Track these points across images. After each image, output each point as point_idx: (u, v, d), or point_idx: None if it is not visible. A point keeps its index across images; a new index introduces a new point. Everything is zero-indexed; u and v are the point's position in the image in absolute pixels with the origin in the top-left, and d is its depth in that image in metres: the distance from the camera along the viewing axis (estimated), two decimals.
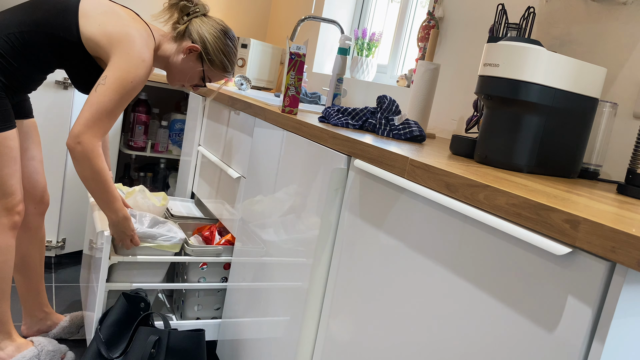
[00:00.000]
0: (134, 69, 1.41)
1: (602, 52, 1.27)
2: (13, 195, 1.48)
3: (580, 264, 0.61)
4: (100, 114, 1.38)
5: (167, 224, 1.72)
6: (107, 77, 1.39)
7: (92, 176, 1.40)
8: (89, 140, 1.37)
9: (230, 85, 2.47)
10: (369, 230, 1.02)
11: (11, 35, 1.39)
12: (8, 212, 1.49)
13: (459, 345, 0.78)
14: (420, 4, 2.23)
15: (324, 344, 1.14)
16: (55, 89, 2.20)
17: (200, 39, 1.52)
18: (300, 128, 1.30)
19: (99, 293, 1.53)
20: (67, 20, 1.42)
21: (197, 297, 1.73)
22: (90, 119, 1.37)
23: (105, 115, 1.39)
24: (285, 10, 3.14)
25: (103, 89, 1.38)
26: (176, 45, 1.54)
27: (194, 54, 1.54)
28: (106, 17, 1.44)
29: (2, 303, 1.54)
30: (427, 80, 1.52)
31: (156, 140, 2.78)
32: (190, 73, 1.56)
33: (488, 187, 0.73)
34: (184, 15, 1.55)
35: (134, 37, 1.43)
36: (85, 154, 1.37)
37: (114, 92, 1.38)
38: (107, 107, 1.38)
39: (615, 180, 1.19)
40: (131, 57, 1.41)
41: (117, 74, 1.39)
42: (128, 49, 1.41)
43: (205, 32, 1.53)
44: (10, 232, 1.50)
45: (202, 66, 1.55)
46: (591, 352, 0.60)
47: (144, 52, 1.44)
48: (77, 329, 1.85)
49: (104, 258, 1.52)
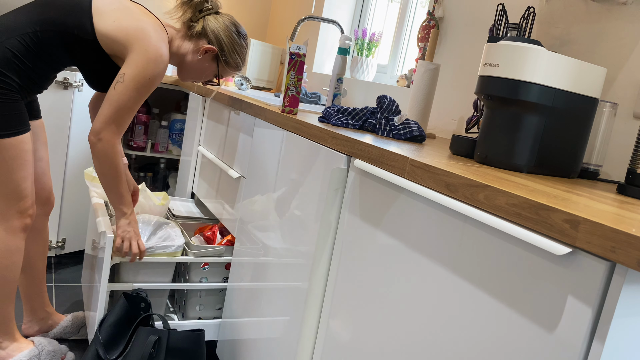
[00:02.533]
0: (152, 65, 1.42)
1: (602, 52, 1.27)
2: (26, 198, 1.49)
3: (580, 264, 0.61)
4: (120, 111, 1.42)
5: (168, 228, 1.73)
6: (126, 75, 1.41)
7: (110, 172, 1.45)
8: (110, 138, 1.42)
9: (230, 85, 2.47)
10: (369, 230, 1.02)
11: (25, 36, 1.39)
12: (20, 214, 1.49)
13: (459, 345, 0.78)
14: (420, 4, 2.23)
15: (324, 344, 1.14)
16: (55, 89, 2.20)
17: (217, 41, 1.55)
18: (300, 128, 1.30)
19: (100, 293, 1.54)
20: (81, 18, 1.42)
21: (199, 297, 1.73)
22: (110, 117, 1.41)
23: (124, 113, 1.43)
24: (285, 10, 3.14)
25: (122, 87, 1.41)
26: (192, 44, 1.56)
27: (210, 54, 1.57)
28: (120, 13, 1.45)
29: (7, 304, 1.54)
30: (427, 80, 1.52)
31: (156, 140, 2.78)
32: (205, 72, 1.60)
33: (488, 187, 0.73)
34: (196, 12, 1.56)
35: (150, 33, 1.43)
36: (105, 150, 1.42)
37: (133, 89, 1.41)
38: (127, 105, 1.42)
39: (615, 180, 1.19)
40: (149, 53, 1.42)
41: (135, 71, 1.41)
42: (146, 45, 1.42)
43: (222, 34, 1.55)
44: (20, 235, 1.51)
45: (218, 66, 1.59)
46: (591, 352, 0.59)
47: (162, 48, 1.45)
48: (77, 329, 1.86)
49: (106, 258, 1.52)
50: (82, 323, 1.87)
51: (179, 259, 1.66)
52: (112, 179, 1.47)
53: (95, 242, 1.73)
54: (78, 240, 2.45)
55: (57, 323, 1.82)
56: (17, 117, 1.42)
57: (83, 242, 2.48)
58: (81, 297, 2.12)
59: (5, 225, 1.48)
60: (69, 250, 2.42)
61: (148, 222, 1.74)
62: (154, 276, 1.65)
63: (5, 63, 1.37)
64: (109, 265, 1.53)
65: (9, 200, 1.46)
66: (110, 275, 1.60)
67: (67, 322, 1.83)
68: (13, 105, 1.40)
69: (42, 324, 1.80)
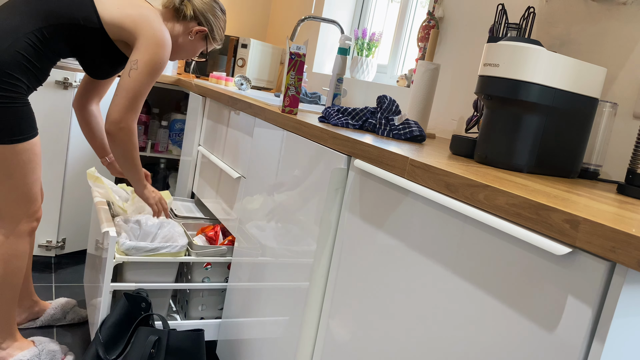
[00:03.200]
0: (161, 50, 1.49)
1: (602, 52, 1.27)
2: (35, 202, 1.51)
3: (580, 264, 0.61)
4: (136, 97, 1.48)
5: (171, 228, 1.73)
6: (139, 62, 1.46)
7: (131, 155, 1.55)
8: (130, 125, 1.50)
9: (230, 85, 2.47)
10: (369, 230, 1.02)
11: (30, 35, 1.39)
12: (29, 218, 1.51)
13: (459, 345, 0.78)
14: (420, 4, 2.23)
15: (324, 344, 1.14)
16: (55, 89, 2.20)
17: (206, 21, 1.65)
18: (300, 128, 1.30)
19: (104, 293, 1.54)
20: (83, 8, 1.44)
21: (201, 297, 1.74)
22: (128, 104, 1.47)
23: (140, 98, 1.50)
24: (285, 10, 3.14)
25: (136, 73, 1.46)
26: (182, 26, 1.63)
27: (201, 34, 1.66)
28: (121, 1, 1.49)
29: (11, 307, 1.55)
30: (427, 80, 1.51)
31: (156, 140, 2.78)
32: (195, 51, 1.71)
33: (488, 187, 0.73)
34: None
35: (154, 18, 1.50)
36: (128, 136, 1.51)
37: (147, 75, 1.47)
38: (142, 90, 1.49)
39: (615, 180, 1.19)
40: (157, 38, 1.48)
41: (146, 57, 1.46)
42: (153, 30, 1.48)
43: (209, 14, 1.65)
44: (27, 238, 1.53)
45: (206, 43, 1.70)
46: (591, 352, 0.60)
47: (165, 32, 1.52)
48: (64, 316, 1.89)
49: (109, 258, 1.52)
50: (67, 309, 1.90)
51: (182, 258, 1.66)
52: (132, 160, 1.56)
53: (98, 242, 1.73)
54: (78, 240, 2.45)
55: (43, 311, 1.85)
56: (29, 120, 1.43)
57: (83, 242, 2.48)
58: (82, 297, 2.12)
59: (15, 229, 1.49)
60: (69, 250, 2.42)
61: (152, 222, 1.74)
62: (157, 276, 1.65)
63: (17, 67, 1.37)
64: (112, 265, 1.53)
65: (20, 204, 1.47)
66: (113, 276, 1.60)
67: (53, 309, 1.86)
68: (24, 109, 1.41)
69: (29, 313, 1.83)
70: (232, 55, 2.84)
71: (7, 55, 1.35)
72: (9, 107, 1.37)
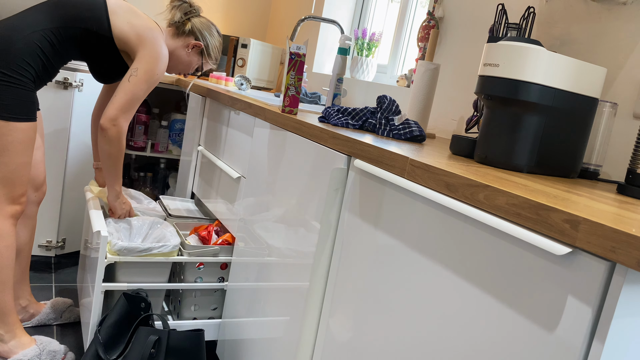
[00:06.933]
0: (160, 63, 1.65)
1: (602, 52, 1.27)
2: (21, 186, 1.55)
3: (580, 264, 0.61)
4: (132, 100, 1.61)
5: (163, 228, 1.73)
6: (139, 70, 1.61)
7: (117, 154, 1.64)
8: (123, 123, 1.61)
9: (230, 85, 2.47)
10: (369, 230, 1.02)
11: (47, 32, 1.53)
12: (13, 201, 1.55)
13: (459, 345, 0.78)
14: (420, 4, 2.23)
15: (324, 344, 1.14)
16: (55, 89, 2.20)
17: (203, 37, 1.82)
18: (300, 128, 1.30)
19: (95, 293, 1.53)
20: (98, 16, 1.60)
21: (193, 297, 1.73)
22: (125, 105, 1.59)
23: (135, 102, 1.62)
24: (285, 10, 3.14)
25: (135, 79, 1.60)
26: (181, 41, 1.81)
27: (197, 49, 1.83)
28: (131, 16, 1.65)
29: (4, 292, 1.55)
30: (427, 80, 1.52)
31: (156, 140, 2.78)
32: (191, 65, 1.86)
33: (488, 187, 0.73)
34: (183, 14, 1.81)
35: (156, 35, 1.66)
36: (119, 134, 1.61)
37: (145, 82, 1.62)
38: (138, 96, 1.62)
39: (615, 180, 1.19)
40: (157, 52, 1.64)
41: (146, 66, 1.62)
42: (154, 45, 1.64)
43: (206, 32, 1.83)
44: (11, 220, 1.56)
45: (202, 59, 1.86)
46: (591, 352, 0.60)
47: (165, 47, 1.68)
48: (60, 315, 1.91)
49: (100, 258, 1.52)
50: (63, 308, 1.92)
51: (175, 258, 1.65)
52: (116, 160, 1.65)
53: (87, 241, 1.74)
54: (78, 241, 2.45)
55: (38, 311, 1.87)
56: (28, 104, 1.52)
57: None
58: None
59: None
60: (69, 250, 2.42)
61: (143, 222, 1.74)
62: (150, 276, 1.65)
63: (29, 54, 1.50)
64: (103, 265, 1.53)
65: (5, 184, 1.51)
66: (105, 276, 1.60)
67: (48, 308, 1.88)
68: (28, 94, 1.52)
69: (24, 313, 1.84)
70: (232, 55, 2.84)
71: (23, 42, 1.49)
72: (11, 87, 1.47)
